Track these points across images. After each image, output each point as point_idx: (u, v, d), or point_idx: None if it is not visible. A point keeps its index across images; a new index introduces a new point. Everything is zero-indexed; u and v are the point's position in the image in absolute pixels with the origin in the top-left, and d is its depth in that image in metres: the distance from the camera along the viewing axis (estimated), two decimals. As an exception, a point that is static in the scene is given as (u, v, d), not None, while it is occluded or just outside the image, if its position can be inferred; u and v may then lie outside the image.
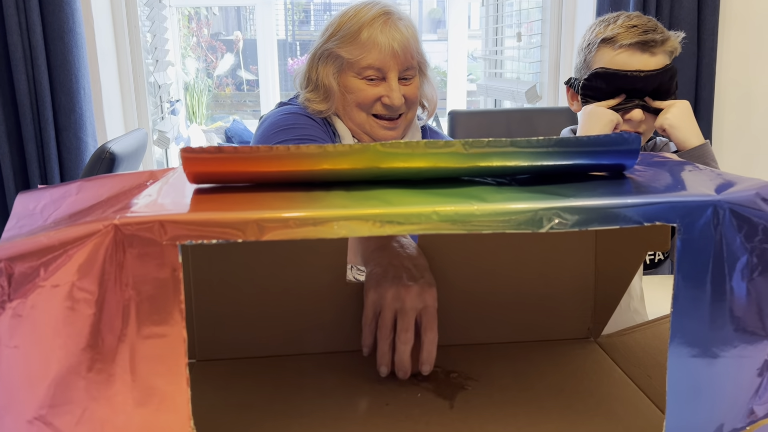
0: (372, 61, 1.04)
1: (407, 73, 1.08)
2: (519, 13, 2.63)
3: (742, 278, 0.51)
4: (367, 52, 1.04)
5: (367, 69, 1.05)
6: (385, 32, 1.04)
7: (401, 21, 1.07)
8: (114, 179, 0.55)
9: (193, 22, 6.15)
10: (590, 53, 1.18)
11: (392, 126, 1.10)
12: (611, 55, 1.14)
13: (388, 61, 1.04)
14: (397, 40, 1.04)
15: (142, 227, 0.43)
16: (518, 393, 0.67)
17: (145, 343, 0.44)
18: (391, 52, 1.03)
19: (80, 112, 1.88)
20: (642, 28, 1.14)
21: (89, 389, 0.44)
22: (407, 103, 1.10)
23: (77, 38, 1.85)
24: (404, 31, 1.05)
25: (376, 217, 0.45)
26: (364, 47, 1.04)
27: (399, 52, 1.04)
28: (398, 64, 1.05)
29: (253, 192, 0.50)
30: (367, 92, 1.07)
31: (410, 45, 1.05)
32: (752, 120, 2.25)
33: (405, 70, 1.07)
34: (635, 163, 0.55)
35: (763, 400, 0.54)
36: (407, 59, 1.06)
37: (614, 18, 1.18)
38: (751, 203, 0.50)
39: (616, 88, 1.14)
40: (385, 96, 1.06)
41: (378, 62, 1.04)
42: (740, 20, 2.16)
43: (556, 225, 0.47)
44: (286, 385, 0.69)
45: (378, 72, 1.06)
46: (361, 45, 1.04)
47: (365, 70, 1.06)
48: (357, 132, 1.13)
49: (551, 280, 0.77)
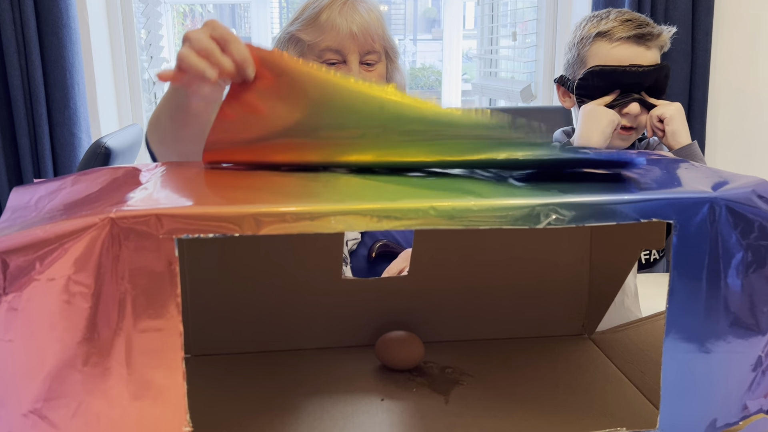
0: (330, 42, 1.02)
1: (369, 58, 1.05)
2: (514, 12, 2.63)
3: (737, 275, 0.51)
4: (326, 33, 1.02)
5: (326, 51, 1.03)
6: (343, 14, 1.01)
7: (362, 4, 1.04)
8: (110, 172, 0.55)
9: (188, 19, 6.14)
10: (584, 48, 1.18)
11: None
12: (607, 48, 1.15)
13: (346, 44, 1.02)
14: (356, 23, 1.01)
15: (139, 221, 0.43)
16: (513, 388, 0.67)
17: (141, 336, 0.44)
18: (349, 33, 1.01)
19: (74, 107, 1.87)
20: (636, 21, 1.15)
21: (85, 383, 0.44)
22: None
23: (71, 34, 1.84)
24: (364, 14, 1.03)
25: (374, 211, 0.45)
26: (322, 29, 1.02)
27: (358, 35, 1.01)
28: (358, 46, 1.02)
29: (251, 186, 0.51)
30: None
31: (371, 28, 1.03)
32: (746, 121, 2.26)
33: (366, 54, 1.04)
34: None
35: (756, 395, 0.54)
36: (367, 42, 1.03)
37: (605, 13, 1.19)
38: (747, 200, 0.50)
39: (613, 83, 1.14)
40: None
41: (336, 44, 1.02)
42: (734, 21, 2.17)
43: (553, 221, 0.47)
44: (281, 380, 0.69)
45: (337, 55, 1.03)
46: (320, 27, 1.02)
47: (324, 53, 1.03)
48: None
49: (546, 277, 0.78)
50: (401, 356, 0.70)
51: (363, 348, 0.75)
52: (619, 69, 1.12)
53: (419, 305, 0.76)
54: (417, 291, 0.75)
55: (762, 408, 0.55)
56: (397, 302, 0.75)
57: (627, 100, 1.14)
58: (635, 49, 1.13)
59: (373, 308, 0.75)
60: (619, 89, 1.14)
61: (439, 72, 5.58)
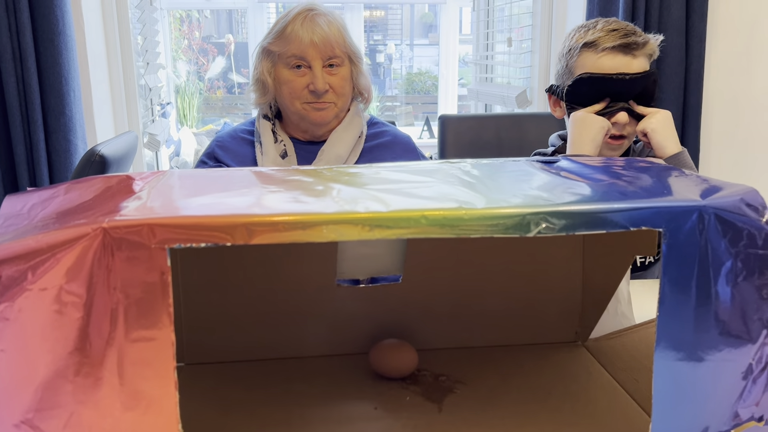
0: (295, 51, 1.18)
1: (332, 61, 1.20)
2: (509, 18, 2.64)
3: (726, 283, 0.51)
4: (291, 44, 1.18)
5: (292, 58, 1.19)
6: (305, 26, 1.18)
7: (322, 17, 1.21)
8: (103, 180, 0.55)
9: (185, 25, 6.15)
10: (572, 58, 1.20)
11: (322, 107, 1.22)
12: (594, 59, 1.15)
13: (309, 51, 1.18)
14: (317, 33, 1.18)
15: (131, 231, 0.43)
16: (506, 396, 0.67)
17: (133, 346, 0.44)
18: (310, 43, 1.17)
19: (70, 114, 1.87)
20: (622, 31, 1.15)
21: (76, 393, 0.44)
22: (335, 92, 1.21)
23: (67, 40, 1.84)
24: (324, 26, 1.19)
25: (366, 220, 0.45)
26: (288, 40, 1.19)
27: (318, 44, 1.17)
28: (320, 53, 1.18)
29: (244, 194, 0.51)
30: (296, 82, 1.20)
31: (331, 38, 1.19)
32: (740, 127, 2.27)
33: (328, 59, 1.19)
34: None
35: (747, 404, 0.55)
36: (328, 50, 1.18)
37: (593, 23, 1.20)
38: (736, 209, 0.51)
39: (601, 92, 1.14)
40: (310, 83, 1.19)
41: (299, 52, 1.18)
42: (728, 28, 2.18)
43: (544, 230, 0.47)
44: (274, 388, 0.69)
45: (302, 61, 1.19)
46: (286, 38, 1.19)
47: (291, 60, 1.19)
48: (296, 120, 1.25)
49: (539, 284, 0.78)
50: (395, 364, 0.70)
51: (357, 356, 0.75)
52: (606, 77, 1.13)
53: (413, 313, 0.76)
54: (410, 299, 0.75)
55: (753, 416, 0.55)
56: (390, 310, 0.76)
57: (615, 109, 1.14)
58: (621, 59, 1.14)
59: (366, 316, 0.75)
60: (607, 98, 1.15)
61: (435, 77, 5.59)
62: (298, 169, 0.60)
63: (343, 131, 1.26)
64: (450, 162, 0.63)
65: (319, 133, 1.25)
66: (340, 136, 1.25)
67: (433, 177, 0.57)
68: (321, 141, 1.26)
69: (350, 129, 1.27)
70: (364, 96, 1.31)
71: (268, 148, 1.24)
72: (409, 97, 7.01)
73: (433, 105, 5.54)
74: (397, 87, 7.34)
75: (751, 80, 2.23)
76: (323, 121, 1.23)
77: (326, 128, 1.25)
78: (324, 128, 1.25)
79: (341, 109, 1.25)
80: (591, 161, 0.66)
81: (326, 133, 1.26)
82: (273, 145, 1.24)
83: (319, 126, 1.24)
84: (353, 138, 1.26)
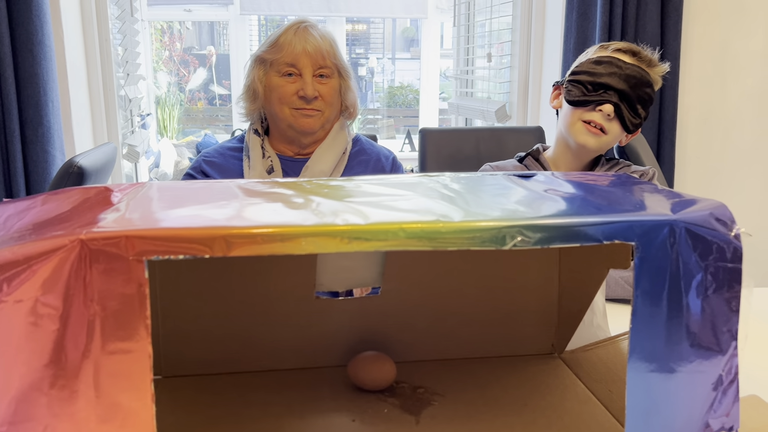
0: (287, 58, 1.23)
1: (322, 71, 1.24)
2: (489, 33, 2.68)
3: (697, 295, 0.52)
4: (283, 51, 1.23)
5: (284, 66, 1.23)
6: (298, 35, 1.23)
7: (315, 30, 1.26)
8: (81, 192, 0.55)
9: (166, 36, 6.13)
10: (585, 56, 1.27)
11: (310, 114, 1.24)
12: (605, 53, 1.23)
13: (300, 58, 1.22)
14: (309, 43, 1.23)
15: (109, 242, 0.43)
16: (483, 408, 0.67)
17: (110, 359, 0.44)
18: (303, 51, 1.22)
19: (48, 125, 1.85)
20: (636, 47, 1.24)
21: (51, 406, 0.43)
22: (324, 100, 1.25)
23: (46, 51, 1.83)
24: (317, 37, 1.24)
25: (344, 233, 0.46)
26: (281, 48, 1.24)
27: (310, 52, 1.22)
28: (311, 62, 1.22)
29: (223, 205, 0.51)
30: (286, 88, 1.23)
31: (322, 49, 1.23)
32: (714, 141, 2.31)
33: (319, 68, 1.23)
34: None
35: (718, 414, 0.56)
36: (319, 59, 1.23)
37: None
38: (706, 223, 0.52)
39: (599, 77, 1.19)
40: (300, 89, 1.22)
41: (291, 59, 1.22)
42: (702, 46, 2.23)
43: (519, 242, 0.48)
44: (252, 401, 0.69)
45: (293, 68, 1.23)
46: (279, 47, 1.24)
47: (283, 67, 1.23)
48: (283, 129, 1.27)
49: (516, 297, 0.79)
50: (373, 377, 0.70)
51: (335, 368, 0.75)
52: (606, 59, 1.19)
53: (391, 325, 0.77)
54: (389, 311, 0.76)
55: (723, 426, 0.56)
56: (368, 322, 0.76)
57: (604, 99, 1.19)
58: (629, 59, 1.21)
59: (345, 329, 0.76)
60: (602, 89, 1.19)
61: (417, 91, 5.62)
62: (277, 181, 0.60)
63: (327, 148, 1.27)
64: (430, 176, 0.64)
65: (305, 142, 1.26)
66: (324, 153, 1.27)
67: (413, 190, 0.57)
68: (306, 157, 1.28)
69: (334, 146, 1.29)
70: (350, 111, 1.33)
71: (255, 162, 1.25)
72: (390, 110, 7.04)
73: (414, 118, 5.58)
74: (379, 100, 7.38)
75: (725, 96, 2.28)
76: (310, 129, 1.24)
77: (312, 138, 1.26)
78: (310, 138, 1.26)
79: (327, 119, 1.27)
80: (568, 176, 0.67)
81: (312, 145, 1.27)
82: (261, 160, 1.25)
83: (306, 134, 1.25)
84: (337, 154, 1.28)
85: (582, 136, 1.22)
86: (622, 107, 1.19)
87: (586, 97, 1.21)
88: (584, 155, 1.28)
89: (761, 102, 2.30)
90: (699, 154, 2.31)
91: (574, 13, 2.08)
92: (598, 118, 1.21)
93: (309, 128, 1.24)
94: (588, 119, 1.21)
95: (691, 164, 2.31)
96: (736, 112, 2.30)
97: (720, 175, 2.34)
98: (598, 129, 1.21)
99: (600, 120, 1.21)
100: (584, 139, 1.22)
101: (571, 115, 1.24)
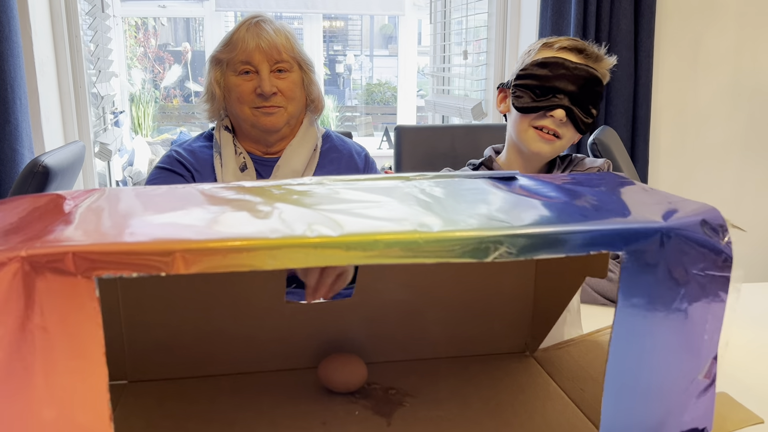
0: (241, 56, 1.20)
1: (280, 66, 1.21)
2: (466, 31, 2.68)
3: (682, 303, 0.51)
4: (237, 49, 1.21)
5: (239, 64, 1.20)
6: (251, 32, 1.21)
7: (268, 24, 1.23)
8: (31, 201, 0.52)
9: (141, 33, 6.04)
10: (528, 56, 1.22)
11: (271, 111, 1.21)
12: (550, 54, 1.18)
13: (255, 56, 1.20)
14: (263, 38, 1.20)
15: (53, 258, 0.40)
16: (455, 408, 0.67)
17: (62, 379, 0.41)
18: (256, 47, 1.19)
19: (15, 123, 1.81)
20: (581, 43, 1.18)
21: (1, 428, 0.41)
22: (284, 95, 1.22)
23: (13, 47, 1.79)
24: (271, 32, 1.22)
25: (317, 244, 0.43)
26: (234, 46, 1.21)
27: (264, 48, 1.20)
28: (266, 57, 1.20)
29: (183, 215, 0.49)
30: (243, 86, 1.21)
31: (277, 43, 1.21)
32: (687, 138, 2.34)
33: (275, 63, 1.21)
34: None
35: (692, 416, 0.56)
36: (274, 54, 1.20)
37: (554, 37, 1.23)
38: (697, 230, 0.51)
39: (545, 79, 1.15)
40: (258, 87, 1.20)
41: (245, 56, 1.20)
42: (674, 43, 2.25)
43: (502, 254, 0.46)
44: (220, 404, 0.67)
45: (249, 65, 1.20)
46: (233, 45, 1.22)
47: (238, 65, 1.21)
48: (246, 129, 1.25)
49: (489, 296, 0.78)
50: (343, 379, 0.69)
51: (305, 371, 0.74)
52: (552, 60, 1.15)
53: (362, 326, 0.76)
54: (359, 311, 0.75)
55: (697, 428, 0.56)
56: (339, 323, 0.75)
57: (554, 104, 1.15)
58: (575, 57, 1.17)
59: (315, 330, 0.75)
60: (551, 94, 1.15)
61: (395, 88, 5.62)
62: (244, 186, 0.57)
63: (297, 145, 1.25)
64: (407, 178, 0.61)
65: (271, 140, 1.24)
66: (294, 151, 1.25)
67: (389, 196, 0.55)
68: (277, 156, 1.26)
69: (304, 143, 1.27)
70: (316, 105, 1.31)
71: (228, 160, 1.22)
72: (368, 107, 7.03)
73: (392, 116, 5.57)
74: (357, 97, 7.35)
75: (697, 93, 2.31)
76: (273, 127, 1.21)
77: (278, 136, 1.24)
78: (275, 135, 1.23)
79: (292, 115, 1.24)
80: (549, 178, 0.66)
81: (279, 143, 1.25)
82: (233, 156, 1.23)
83: (270, 132, 1.22)
84: (308, 151, 1.26)
85: (535, 143, 1.18)
86: (574, 110, 1.15)
87: (536, 103, 1.16)
88: (538, 161, 1.24)
89: (734, 98, 2.33)
90: (673, 151, 2.33)
91: (548, 11, 2.08)
92: (550, 124, 1.16)
93: (272, 126, 1.21)
94: (540, 125, 1.17)
95: (665, 161, 2.33)
96: (709, 109, 2.33)
97: (694, 172, 2.37)
98: (551, 135, 1.17)
99: (552, 125, 1.16)
100: (538, 146, 1.18)
101: (521, 121, 1.19)
